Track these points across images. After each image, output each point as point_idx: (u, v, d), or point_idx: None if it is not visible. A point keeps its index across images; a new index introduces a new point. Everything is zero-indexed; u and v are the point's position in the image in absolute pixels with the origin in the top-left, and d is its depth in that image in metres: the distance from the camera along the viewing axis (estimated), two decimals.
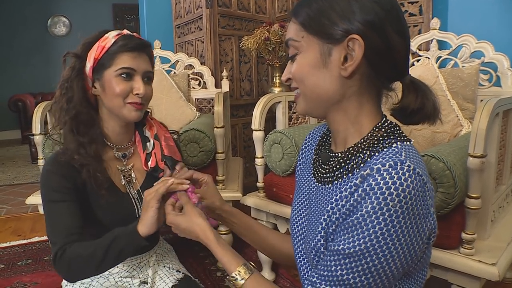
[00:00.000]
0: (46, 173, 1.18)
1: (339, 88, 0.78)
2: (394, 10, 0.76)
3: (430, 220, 0.72)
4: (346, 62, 0.76)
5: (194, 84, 3.04)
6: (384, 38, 0.74)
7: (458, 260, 1.33)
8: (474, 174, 1.30)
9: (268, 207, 1.95)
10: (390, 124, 0.81)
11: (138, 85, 1.20)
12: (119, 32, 1.22)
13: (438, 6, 2.45)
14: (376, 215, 0.67)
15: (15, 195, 3.88)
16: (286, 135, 1.85)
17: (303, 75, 0.80)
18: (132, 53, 1.19)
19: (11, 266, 2.38)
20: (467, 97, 1.95)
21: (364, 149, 0.78)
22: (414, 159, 0.72)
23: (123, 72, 1.18)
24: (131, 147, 1.32)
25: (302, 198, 0.98)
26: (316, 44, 0.78)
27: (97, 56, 1.18)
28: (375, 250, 0.68)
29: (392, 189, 0.66)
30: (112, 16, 8.29)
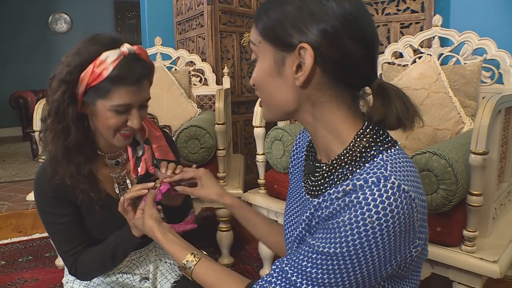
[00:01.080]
0: (40, 195, 1.16)
1: (296, 97, 0.76)
2: (351, 16, 0.70)
3: (413, 236, 0.70)
4: (299, 71, 0.73)
5: (195, 80, 3.04)
6: (338, 46, 0.70)
7: (459, 258, 1.33)
8: (476, 171, 1.29)
9: (269, 204, 1.95)
10: (372, 129, 0.77)
11: (133, 119, 1.11)
12: (118, 54, 1.04)
13: (440, 3, 2.45)
14: (351, 226, 0.65)
15: (16, 191, 3.89)
16: (287, 132, 1.85)
17: (261, 83, 0.79)
18: (132, 87, 1.07)
19: (12, 262, 2.38)
20: (469, 94, 1.94)
21: (348, 162, 0.75)
22: (400, 172, 0.69)
23: (118, 109, 1.07)
24: (124, 153, 1.26)
25: (295, 206, 0.95)
26: (270, 51, 0.76)
27: (91, 83, 1.04)
28: (343, 258, 0.67)
29: (371, 206, 0.64)
30: (113, 13, 8.27)
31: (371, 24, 0.75)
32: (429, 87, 1.90)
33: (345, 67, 0.72)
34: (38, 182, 1.15)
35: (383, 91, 0.75)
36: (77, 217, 1.17)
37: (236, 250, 2.41)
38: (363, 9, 0.73)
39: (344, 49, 0.70)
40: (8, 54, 7.51)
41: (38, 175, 1.16)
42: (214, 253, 2.39)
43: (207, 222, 2.89)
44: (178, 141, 2.06)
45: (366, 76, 0.75)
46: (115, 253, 1.17)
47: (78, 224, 1.18)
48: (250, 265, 2.26)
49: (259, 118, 1.94)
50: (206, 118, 2.39)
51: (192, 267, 0.91)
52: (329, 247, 0.68)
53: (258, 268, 2.19)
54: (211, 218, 2.82)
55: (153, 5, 3.74)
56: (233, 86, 3.20)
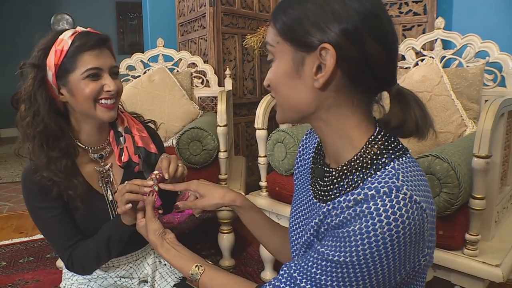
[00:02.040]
0: (27, 192, 1.17)
1: (313, 99, 0.74)
2: (373, 15, 0.69)
3: (421, 245, 0.69)
4: (319, 72, 0.71)
5: (197, 82, 3.04)
6: (360, 47, 0.69)
7: (461, 261, 1.32)
8: (478, 174, 1.29)
9: (271, 206, 1.95)
10: (384, 136, 0.75)
11: (108, 82, 1.14)
12: (73, 31, 1.14)
13: (443, 6, 2.45)
14: (362, 236, 0.65)
15: (17, 192, 3.88)
16: (289, 134, 1.85)
17: (277, 84, 0.77)
18: (93, 51, 1.13)
19: (13, 263, 2.38)
20: (471, 97, 1.94)
21: (358, 169, 0.73)
22: (412, 181, 0.69)
23: (90, 74, 1.12)
24: (107, 146, 1.27)
25: (301, 209, 0.94)
26: (289, 52, 0.74)
27: (57, 61, 1.12)
28: (353, 266, 0.67)
29: (382, 217, 0.64)
30: (115, 14, 8.28)
31: (392, 26, 0.73)
32: (432, 90, 1.90)
33: (365, 69, 0.70)
34: (24, 180, 1.17)
35: (402, 97, 0.74)
36: (67, 210, 1.18)
37: (238, 252, 2.40)
38: (384, 10, 0.73)
39: (366, 49, 0.69)
40: (10, 54, 7.50)
41: (24, 172, 1.18)
42: (215, 255, 2.39)
43: (209, 224, 2.89)
44: (180, 143, 2.05)
45: (385, 79, 0.74)
46: (109, 243, 1.16)
47: (69, 217, 1.18)
48: (251, 267, 2.26)
49: (261, 120, 1.94)
50: (208, 120, 2.39)
51: (198, 279, 0.91)
52: (339, 255, 0.68)
53: (259, 270, 2.19)
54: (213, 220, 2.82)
55: (155, 7, 3.75)
56: (235, 88, 3.19)
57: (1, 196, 3.79)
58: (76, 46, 1.11)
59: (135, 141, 1.26)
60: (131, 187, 1.04)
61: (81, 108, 1.16)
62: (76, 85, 1.12)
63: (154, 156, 1.27)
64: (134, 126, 1.30)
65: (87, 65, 1.11)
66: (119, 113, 1.29)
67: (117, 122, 1.27)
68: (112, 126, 1.27)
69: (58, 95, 1.16)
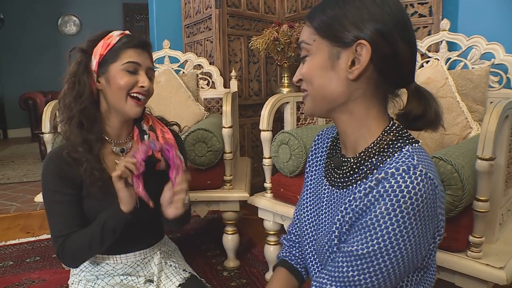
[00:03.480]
0: (46, 172, 1.25)
1: (345, 90, 0.82)
2: (402, 20, 0.80)
3: (436, 221, 0.75)
4: (353, 66, 0.79)
5: (203, 84, 3.05)
6: (391, 46, 0.78)
7: (465, 263, 1.32)
8: (482, 176, 1.29)
9: (275, 208, 1.95)
10: (398, 127, 0.84)
11: (143, 79, 1.25)
12: (122, 31, 1.28)
13: (448, 7, 2.44)
14: (389, 216, 0.70)
15: (24, 192, 3.91)
16: (294, 136, 1.85)
17: (312, 75, 0.84)
18: (136, 49, 1.25)
19: (20, 262, 2.40)
20: (476, 99, 1.93)
21: (375, 154, 0.82)
22: (425, 162, 0.76)
23: (129, 66, 1.23)
24: (129, 141, 1.35)
25: (312, 199, 1.00)
26: (326, 47, 0.82)
27: (103, 52, 1.24)
28: (387, 251, 0.72)
29: (405, 192, 0.70)
30: (122, 15, 8.33)
31: (413, 31, 0.84)
32: (437, 91, 1.89)
33: (394, 66, 0.80)
34: (47, 160, 1.26)
35: (421, 93, 0.83)
36: (75, 200, 1.25)
37: (242, 253, 2.41)
38: (409, 18, 0.83)
39: (396, 49, 0.78)
40: (17, 55, 7.59)
41: (49, 154, 1.29)
42: (220, 256, 2.40)
43: (213, 225, 2.90)
44: (185, 144, 2.06)
45: (408, 76, 0.83)
46: (103, 229, 1.20)
47: (75, 208, 1.25)
48: (256, 268, 2.26)
49: (266, 121, 1.95)
50: (213, 121, 2.40)
51: None
52: (372, 245, 0.73)
53: (263, 271, 2.19)
54: (218, 221, 2.83)
55: (161, 8, 3.76)
56: (240, 89, 3.20)
57: (8, 196, 3.82)
58: (123, 42, 1.24)
59: (159, 140, 1.34)
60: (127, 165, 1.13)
61: (113, 98, 1.26)
62: (114, 75, 1.23)
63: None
64: (159, 128, 1.39)
65: (129, 58, 1.24)
66: (146, 114, 1.39)
67: (142, 122, 1.36)
68: (137, 125, 1.36)
69: (95, 82, 1.27)
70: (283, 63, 2.93)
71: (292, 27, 2.79)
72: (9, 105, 7.47)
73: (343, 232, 0.81)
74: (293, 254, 1.12)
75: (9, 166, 5.12)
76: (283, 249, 1.16)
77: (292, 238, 1.15)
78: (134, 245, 1.36)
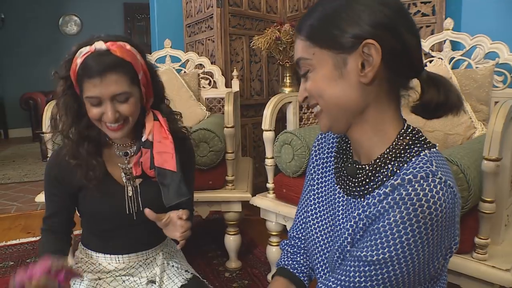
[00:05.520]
0: (46, 169, 1.30)
1: (360, 96, 0.75)
2: (401, 9, 0.74)
3: (453, 230, 0.72)
4: (364, 69, 0.73)
5: (204, 83, 3.04)
6: (398, 38, 0.72)
7: (470, 265, 1.31)
8: (488, 177, 1.27)
9: (278, 208, 1.93)
10: (413, 130, 0.79)
11: (107, 111, 1.14)
12: (87, 50, 1.12)
13: (451, 7, 2.42)
14: (404, 225, 0.66)
15: (25, 192, 3.90)
16: (296, 136, 1.84)
17: (320, 89, 0.77)
18: (94, 80, 1.11)
19: (20, 263, 2.40)
20: (480, 98, 1.92)
21: (392, 159, 0.76)
22: (444, 168, 0.72)
23: (89, 101, 1.15)
24: (134, 145, 1.30)
25: (323, 207, 0.94)
26: (328, 58, 0.75)
27: (74, 78, 1.16)
28: (398, 260, 0.68)
29: (423, 201, 0.66)
30: (123, 15, 8.32)
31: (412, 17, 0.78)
32: None
33: (405, 59, 0.74)
34: (50, 158, 1.32)
35: (435, 79, 0.78)
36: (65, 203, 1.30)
37: (244, 254, 2.40)
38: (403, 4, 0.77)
39: (404, 40, 0.73)
40: (18, 55, 7.58)
41: (53, 152, 1.32)
42: (221, 257, 2.39)
43: (215, 226, 2.89)
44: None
45: (418, 65, 0.78)
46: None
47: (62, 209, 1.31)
48: (257, 269, 2.25)
49: (268, 121, 1.93)
50: (215, 121, 2.39)
51: None
52: (383, 252, 0.69)
53: (265, 272, 2.18)
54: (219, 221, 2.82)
55: (162, 8, 3.75)
56: (242, 89, 3.19)
57: (9, 196, 3.81)
58: (82, 70, 1.12)
59: (153, 158, 1.25)
60: None
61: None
62: (85, 104, 1.17)
63: (170, 176, 1.26)
64: (158, 139, 1.27)
65: (87, 92, 1.13)
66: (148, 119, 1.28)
67: (143, 130, 1.27)
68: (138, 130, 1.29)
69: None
70: (285, 63, 2.92)
71: (294, 27, 2.78)
72: (10, 105, 7.47)
73: (356, 238, 0.77)
74: (296, 262, 1.06)
75: (10, 166, 5.11)
76: (284, 256, 1.10)
77: (296, 243, 1.09)
78: (137, 246, 1.35)
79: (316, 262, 0.94)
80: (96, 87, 1.11)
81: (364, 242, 0.73)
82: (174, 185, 1.25)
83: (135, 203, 1.28)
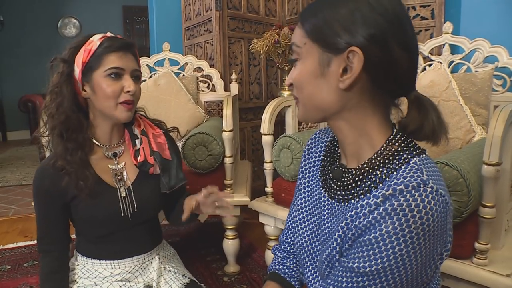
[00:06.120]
0: (34, 184, 1.26)
1: (337, 100, 0.76)
2: (398, 22, 0.72)
3: (445, 238, 0.71)
4: (345, 74, 0.73)
5: (203, 86, 3.03)
6: (386, 52, 0.71)
7: (470, 271, 1.30)
8: (488, 182, 1.27)
9: (277, 213, 1.93)
10: (402, 136, 0.78)
11: (128, 83, 1.23)
12: (103, 35, 1.25)
13: (450, 10, 2.42)
14: (397, 236, 0.66)
15: (23, 195, 3.89)
16: (295, 140, 1.83)
17: (302, 82, 0.79)
18: (118, 53, 1.22)
19: (18, 267, 2.38)
20: (480, 102, 1.91)
21: (380, 165, 0.76)
22: (435, 176, 0.71)
23: (112, 72, 1.21)
24: (122, 145, 1.34)
25: (309, 210, 0.95)
26: (316, 52, 0.76)
27: (85, 59, 1.21)
28: (391, 270, 0.67)
29: (415, 212, 0.65)
30: (121, 17, 8.32)
31: (414, 32, 0.76)
32: (440, 95, 1.88)
33: (389, 74, 0.73)
34: (37, 172, 1.26)
35: (420, 103, 0.76)
36: (60, 216, 1.28)
37: (243, 258, 2.39)
38: (407, 17, 0.75)
39: (391, 55, 0.71)
40: (17, 58, 7.58)
41: (39, 166, 1.28)
42: (220, 261, 2.38)
43: (214, 230, 2.87)
44: (185, 148, 2.04)
45: (406, 84, 0.77)
46: None
47: (58, 223, 1.29)
48: (256, 274, 2.24)
49: (267, 125, 1.93)
50: (214, 124, 2.38)
51: None
52: (376, 264, 0.68)
53: (264, 277, 2.16)
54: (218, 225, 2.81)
55: (161, 11, 3.75)
56: (241, 92, 3.19)
57: (7, 199, 3.79)
58: (104, 47, 1.21)
59: (151, 144, 1.34)
60: None
61: (101, 107, 1.24)
62: (98, 83, 1.21)
63: (168, 163, 1.36)
64: (151, 131, 1.37)
65: (111, 64, 1.21)
66: (137, 118, 1.38)
67: (133, 126, 1.35)
68: (128, 128, 1.35)
69: (81, 91, 1.25)
70: (284, 66, 2.91)
71: (293, 30, 2.77)
72: (9, 108, 7.46)
73: (345, 248, 0.76)
74: (286, 267, 1.07)
75: (8, 169, 5.09)
76: (275, 261, 1.11)
77: (286, 248, 1.10)
78: (132, 250, 1.35)
79: (305, 267, 0.94)
80: (121, 59, 1.22)
81: (355, 253, 0.72)
82: (173, 171, 1.37)
83: (129, 203, 1.29)
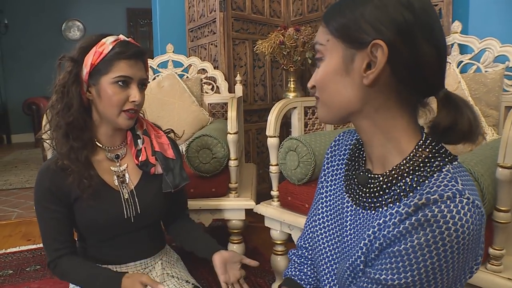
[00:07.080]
0: (37, 186, 1.24)
1: (361, 97, 0.73)
2: (425, 16, 0.69)
3: (477, 251, 0.67)
4: (368, 69, 0.71)
5: (207, 88, 3.00)
6: (412, 47, 0.68)
7: (484, 277, 1.25)
8: (503, 185, 1.22)
9: (283, 217, 1.88)
10: (433, 142, 0.74)
11: (134, 93, 1.22)
12: (116, 38, 1.23)
13: (458, 10, 2.38)
14: (429, 248, 0.62)
15: (26, 198, 3.87)
16: (302, 142, 1.79)
17: (325, 82, 0.76)
18: (129, 61, 1.21)
19: (20, 271, 2.35)
20: (490, 103, 1.87)
21: (409, 172, 0.72)
22: (470, 185, 0.67)
23: (120, 80, 1.20)
24: (124, 147, 1.33)
25: (331, 215, 0.91)
26: (340, 49, 0.73)
27: (94, 61, 1.19)
28: (421, 284, 0.64)
29: (450, 224, 0.61)
30: (125, 20, 8.34)
31: (442, 31, 0.73)
32: None
33: (415, 70, 0.70)
34: (38, 174, 1.25)
35: (451, 100, 0.72)
36: (65, 216, 1.24)
37: None
38: (436, 14, 0.72)
39: (418, 50, 0.68)
40: (21, 61, 7.61)
41: (42, 167, 1.26)
42: None
43: (218, 233, 2.84)
44: (189, 150, 2.01)
45: (434, 83, 0.72)
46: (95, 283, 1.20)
47: (67, 224, 1.26)
48: (262, 279, 2.20)
49: (272, 127, 1.89)
50: (218, 127, 2.34)
51: None
52: (405, 277, 0.65)
53: (270, 282, 2.13)
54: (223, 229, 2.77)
55: (165, 13, 3.73)
56: (245, 94, 3.16)
57: (10, 202, 3.78)
58: (116, 52, 1.19)
59: (153, 144, 1.33)
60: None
61: (104, 112, 1.23)
62: (105, 88, 1.20)
63: (171, 162, 1.35)
64: (153, 132, 1.38)
65: (121, 71, 1.19)
66: (139, 118, 1.37)
67: (136, 126, 1.34)
68: (131, 129, 1.34)
69: (86, 92, 1.24)
70: (289, 67, 2.88)
71: (298, 31, 2.74)
72: (13, 110, 7.49)
73: (370, 258, 0.72)
74: (303, 273, 1.04)
75: (12, 172, 5.09)
76: (292, 266, 1.08)
77: (304, 254, 1.07)
78: (135, 255, 1.34)
79: (322, 274, 0.90)
80: (132, 68, 1.21)
81: (382, 264, 0.68)
82: (176, 171, 1.36)
83: (132, 206, 1.28)
